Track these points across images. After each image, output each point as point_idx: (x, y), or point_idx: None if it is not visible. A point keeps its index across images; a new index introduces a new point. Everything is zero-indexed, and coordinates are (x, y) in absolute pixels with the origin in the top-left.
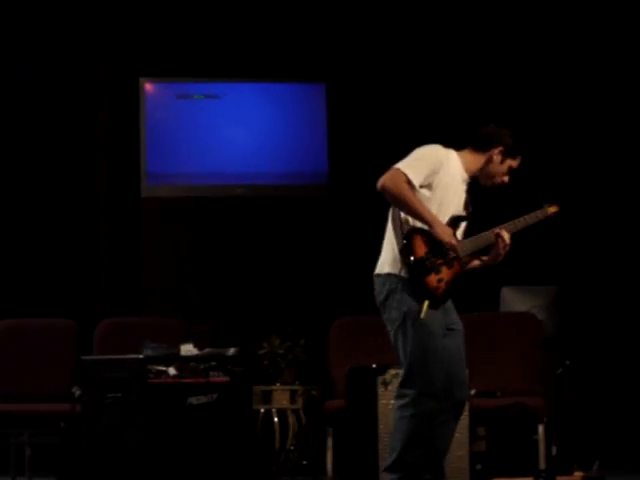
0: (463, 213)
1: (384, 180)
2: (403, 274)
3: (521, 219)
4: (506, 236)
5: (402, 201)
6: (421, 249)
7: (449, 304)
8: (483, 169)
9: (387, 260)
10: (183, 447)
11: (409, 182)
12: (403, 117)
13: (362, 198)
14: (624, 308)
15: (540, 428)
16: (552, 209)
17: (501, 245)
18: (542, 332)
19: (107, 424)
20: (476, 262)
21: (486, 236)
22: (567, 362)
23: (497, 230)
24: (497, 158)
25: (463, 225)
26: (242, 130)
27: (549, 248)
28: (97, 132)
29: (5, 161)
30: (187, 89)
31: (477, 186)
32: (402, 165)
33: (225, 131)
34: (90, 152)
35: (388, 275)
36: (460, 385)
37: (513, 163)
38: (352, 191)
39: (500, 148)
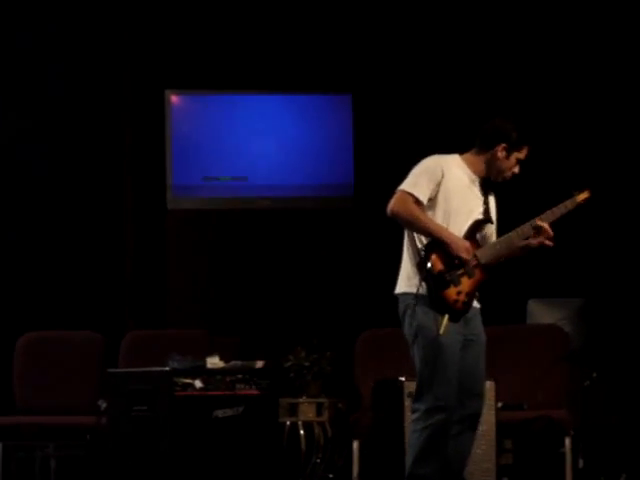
0: (481, 216)
1: (392, 205)
2: (418, 291)
3: (548, 212)
4: (544, 226)
5: (414, 223)
6: (438, 263)
7: (472, 314)
8: (491, 167)
9: (402, 278)
10: (209, 460)
11: (417, 201)
12: (429, 128)
13: None
14: None
15: (567, 441)
16: (582, 196)
17: (541, 237)
18: (569, 345)
19: (133, 437)
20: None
21: (510, 237)
22: (594, 375)
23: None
24: (502, 154)
25: (488, 228)
26: (267, 141)
27: (575, 260)
28: (124, 144)
29: (33, 174)
30: (213, 101)
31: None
32: (406, 186)
33: (250, 142)
34: (117, 164)
35: (403, 294)
36: (475, 397)
37: (520, 155)
38: (378, 203)
39: (503, 145)
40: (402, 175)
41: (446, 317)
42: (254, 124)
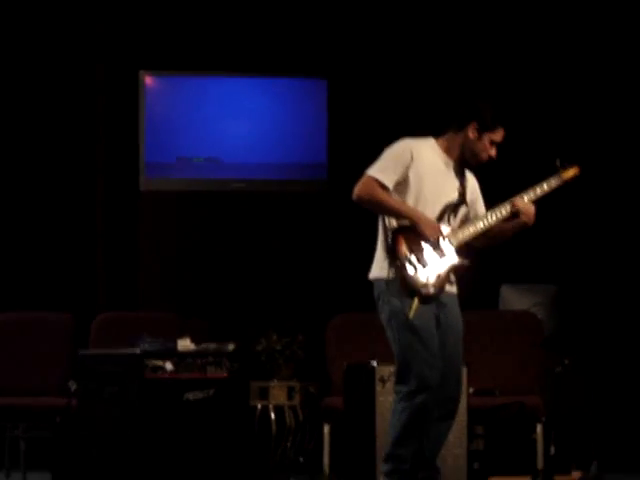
0: (455, 199)
1: (357, 190)
2: (389, 275)
3: (530, 190)
4: (522, 203)
5: (380, 205)
6: (407, 247)
7: (447, 299)
8: (464, 148)
9: (375, 263)
10: (179, 442)
11: (382, 186)
12: (404, 113)
13: None
14: (624, 307)
15: (538, 427)
16: (569, 172)
17: (522, 215)
18: (541, 331)
19: (103, 419)
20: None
21: (486, 216)
22: (566, 361)
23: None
24: (474, 135)
25: (463, 210)
26: (242, 124)
27: (549, 246)
28: (97, 125)
29: (3, 155)
30: (188, 83)
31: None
32: (372, 170)
33: (225, 124)
34: (89, 146)
35: (375, 280)
36: (453, 382)
37: (494, 137)
38: (351, 186)
39: (474, 124)
40: (376, 159)
41: (416, 300)
42: (229, 106)
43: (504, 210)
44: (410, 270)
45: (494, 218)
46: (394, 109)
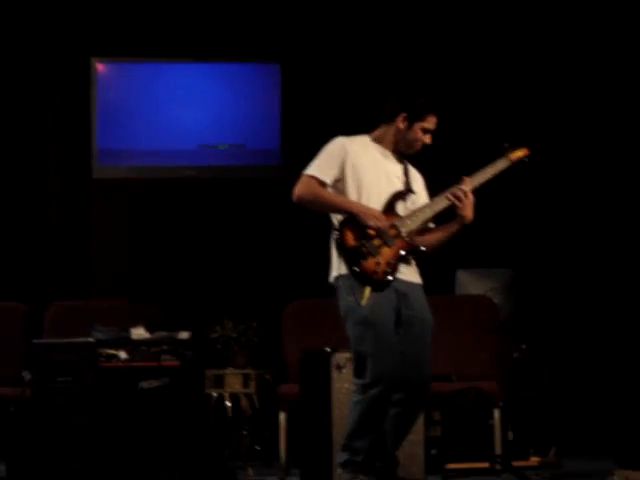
0: (400, 188)
1: (297, 190)
2: (340, 272)
3: (478, 173)
4: (460, 191)
5: (320, 202)
6: (353, 237)
7: (408, 289)
8: (397, 140)
9: (331, 267)
10: (134, 431)
11: (321, 183)
12: (357, 98)
13: None
14: (580, 291)
15: (496, 413)
16: (518, 154)
17: (459, 203)
18: (498, 315)
19: (57, 408)
20: (446, 230)
21: (440, 198)
22: (523, 346)
23: (449, 190)
24: (403, 125)
25: (412, 199)
26: (195, 109)
27: (504, 231)
28: (48, 113)
29: None
30: (140, 69)
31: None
32: (309, 170)
33: (178, 110)
34: (41, 133)
35: (333, 279)
36: (417, 374)
37: (425, 124)
38: None
39: (403, 115)
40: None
41: (368, 288)
42: (181, 92)
43: (450, 195)
44: (359, 260)
45: (441, 204)
46: (348, 94)
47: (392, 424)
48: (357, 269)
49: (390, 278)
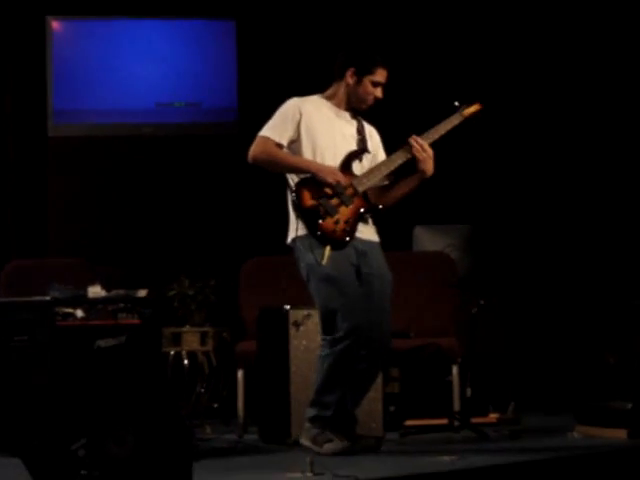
0: (356, 147)
1: (252, 151)
2: (297, 233)
3: (432, 130)
4: (418, 143)
5: (276, 163)
6: (310, 197)
7: (367, 247)
8: (349, 96)
9: (289, 229)
10: (91, 390)
11: (276, 144)
12: (313, 55)
13: None
14: (538, 247)
15: (454, 369)
16: (471, 109)
17: (420, 154)
18: (456, 271)
19: (13, 367)
20: (407, 185)
21: (398, 153)
22: (481, 302)
23: (408, 141)
24: (352, 80)
25: (366, 158)
26: (151, 67)
27: (462, 187)
28: (3, 72)
29: None
30: (95, 27)
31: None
32: (264, 131)
33: (134, 68)
34: None
35: (291, 241)
36: (379, 331)
37: (374, 78)
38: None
39: (351, 69)
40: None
41: (328, 247)
42: (137, 49)
43: (406, 152)
44: (317, 220)
45: (397, 161)
46: (304, 50)
47: (354, 381)
48: (316, 229)
49: (348, 238)
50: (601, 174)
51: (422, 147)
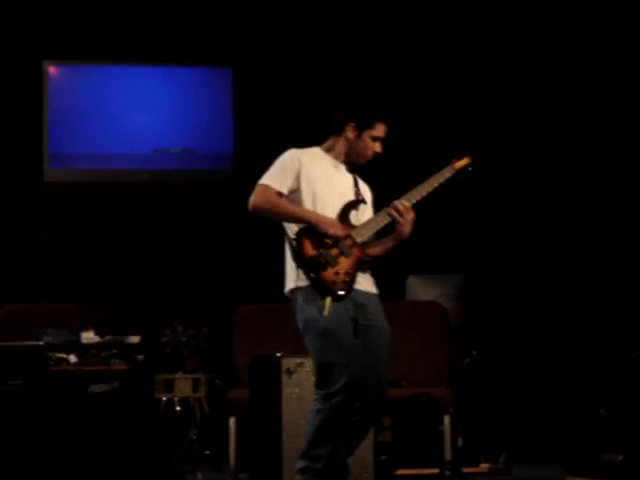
0: (352, 199)
1: (252, 199)
2: (297, 283)
3: (424, 183)
4: (402, 206)
5: (277, 212)
6: (311, 248)
7: (365, 298)
8: (349, 150)
9: (286, 279)
10: (84, 436)
11: (277, 192)
12: (309, 104)
13: None
14: (531, 298)
15: (446, 419)
16: (462, 162)
17: (400, 219)
18: (448, 321)
19: (6, 412)
20: (384, 244)
21: (383, 213)
22: (473, 352)
23: (392, 205)
24: (352, 135)
25: (363, 208)
26: (147, 113)
27: (455, 237)
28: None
29: None
30: (92, 72)
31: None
32: (265, 179)
33: (130, 114)
34: None
35: (289, 292)
36: (373, 384)
37: (375, 132)
38: (257, 177)
39: (351, 125)
40: (282, 150)
41: (328, 299)
42: (133, 96)
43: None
44: (318, 270)
45: (387, 218)
46: (299, 99)
47: (347, 432)
48: (317, 280)
49: (349, 289)
50: (590, 226)
51: (401, 212)
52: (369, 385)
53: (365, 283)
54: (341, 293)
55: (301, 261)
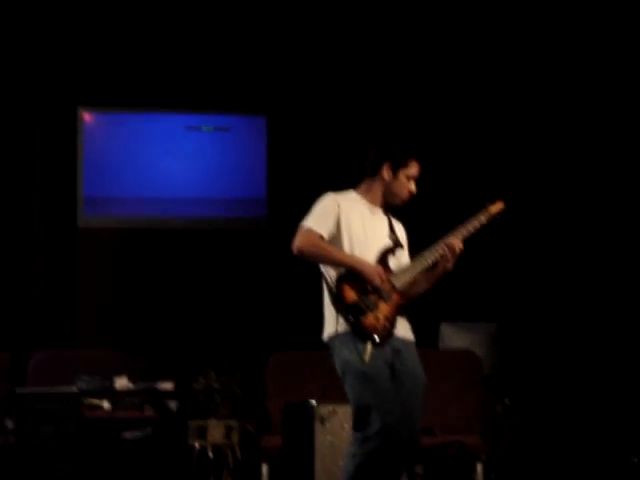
0: (390, 244)
1: (297, 242)
2: (337, 329)
3: (461, 228)
4: (449, 246)
5: (322, 256)
6: (352, 293)
7: (401, 345)
8: (384, 192)
9: (325, 325)
10: None
11: (321, 237)
12: (342, 150)
13: None
14: (564, 346)
15: (479, 467)
16: (495, 207)
17: (451, 254)
18: (481, 369)
19: (40, 457)
20: (430, 280)
21: (424, 256)
22: (506, 400)
23: (442, 242)
24: (388, 175)
25: (400, 253)
26: (182, 161)
27: (488, 285)
28: (35, 162)
29: None
30: (127, 119)
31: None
32: (309, 223)
33: (164, 162)
34: (27, 183)
35: (327, 338)
36: (408, 431)
37: (409, 171)
38: (291, 224)
39: (387, 164)
40: (314, 197)
41: (369, 344)
42: (168, 143)
43: (440, 249)
44: (359, 315)
45: (432, 257)
46: (332, 146)
47: (382, 475)
48: (358, 325)
49: (389, 334)
50: (622, 262)
51: (451, 250)
52: (402, 432)
53: (402, 329)
54: (381, 338)
55: (342, 306)
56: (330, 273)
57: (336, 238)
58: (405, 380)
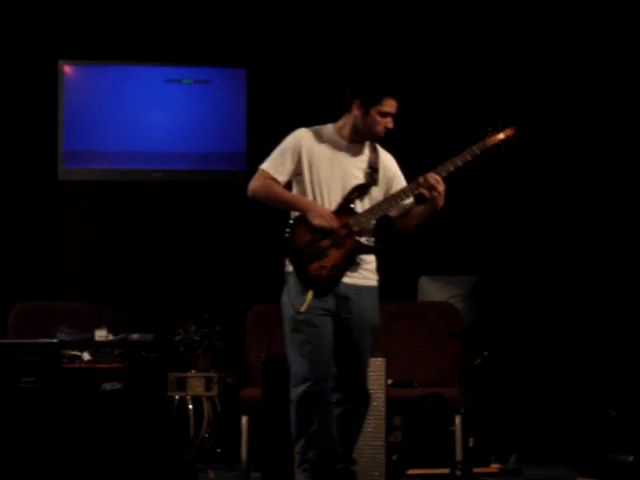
0: (361, 181)
1: (251, 185)
2: (287, 269)
3: (448, 161)
4: (433, 179)
5: (271, 199)
6: (302, 238)
7: (354, 293)
8: (357, 128)
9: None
10: (96, 433)
11: (274, 179)
12: (324, 103)
13: None
14: (542, 299)
15: (457, 419)
16: (503, 134)
17: (430, 193)
18: (460, 322)
19: (20, 409)
20: (418, 217)
21: (395, 195)
22: (485, 353)
23: (420, 178)
24: (359, 111)
25: (374, 191)
26: (162, 112)
27: (467, 237)
28: (15, 115)
29: None
30: (107, 72)
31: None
32: (265, 164)
33: (144, 113)
34: (8, 136)
35: (285, 275)
36: (353, 378)
37: (382, 109)
38: None
39: (357, 101)
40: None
41: (310, 293)
42: (147, 95)
43: (413, 189)
44: (305, 261)
45: (402, 197)
46: (314, 97)
47: (337, 425)
48: (302, 272)
49: (334, 283)
50: (600, 224)
51: (433, 185)
52: (348, 377)
53: (356, 275)
54: (323, 289)
55: (288, 252)
56: (294, 214)
57: (300, 176)
58: (352, 327)
